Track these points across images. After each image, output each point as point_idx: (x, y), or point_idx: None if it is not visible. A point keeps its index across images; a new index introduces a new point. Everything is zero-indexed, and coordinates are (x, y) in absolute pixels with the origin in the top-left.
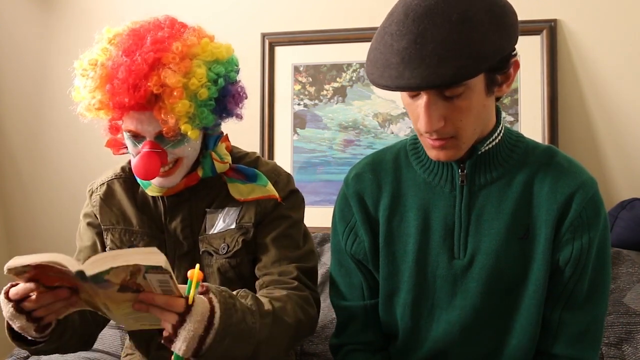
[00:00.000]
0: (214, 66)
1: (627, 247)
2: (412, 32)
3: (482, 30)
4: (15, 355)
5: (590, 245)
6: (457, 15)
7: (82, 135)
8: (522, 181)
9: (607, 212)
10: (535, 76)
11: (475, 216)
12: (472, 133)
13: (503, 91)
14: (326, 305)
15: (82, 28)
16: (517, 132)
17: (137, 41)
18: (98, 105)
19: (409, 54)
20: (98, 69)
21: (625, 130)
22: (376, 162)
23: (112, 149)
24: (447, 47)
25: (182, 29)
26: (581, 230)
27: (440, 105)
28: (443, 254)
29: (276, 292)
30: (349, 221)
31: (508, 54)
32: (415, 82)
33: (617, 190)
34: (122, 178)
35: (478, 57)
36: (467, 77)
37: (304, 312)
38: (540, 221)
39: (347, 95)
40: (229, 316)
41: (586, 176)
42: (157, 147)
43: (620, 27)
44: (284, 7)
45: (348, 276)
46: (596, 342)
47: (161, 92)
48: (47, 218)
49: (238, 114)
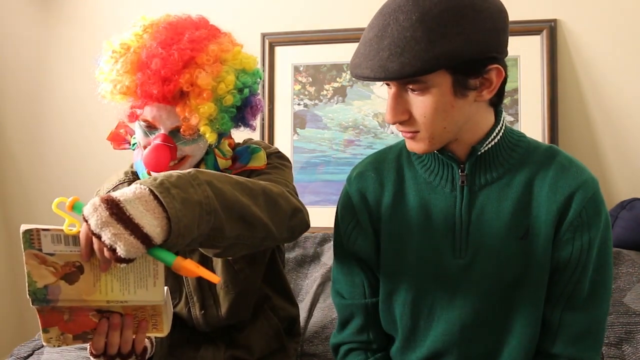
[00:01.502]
0: (242, 75)
1: (627, 247)
2: (378, 25)
3: (440, 32)
4: (15, 355)
5: (591, 245)
6: (418, 14)
7: (82, 135)
8: (523, 181)
9: (608, 212)
10: (535, 76)
11: (476, 216)
12: (441, 131)
13: (484, 97)
14: (326, 306)
15: (82, 28)
16: (519, 132)
17: (173, 35)
18: (124, 90)
19: (370, 45)
20: (130, 55)
21: (625, 130)
22: (379, 160)
23: (113, 142)
24: (398, 43)
25: (218, 32)
26: (581, 229)
27: (405, 99)
28: (443, 254)
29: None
30: (351, 219)
31: (477, 59)
32: (365, 72)
33: (617, 190)
34: (127, 182)
35: (426, 57)
36: (411, 74)
37: (273, 185)
38: (540, 221)
39: (347, 95)
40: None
41: (587, 176)
42: (169, 141)
43: (620, 27)
44: (284, 7)
45: (350, 274)
46: (597, 342)
47: (190, 91)
48: (47, 218)
49: (252, 125)
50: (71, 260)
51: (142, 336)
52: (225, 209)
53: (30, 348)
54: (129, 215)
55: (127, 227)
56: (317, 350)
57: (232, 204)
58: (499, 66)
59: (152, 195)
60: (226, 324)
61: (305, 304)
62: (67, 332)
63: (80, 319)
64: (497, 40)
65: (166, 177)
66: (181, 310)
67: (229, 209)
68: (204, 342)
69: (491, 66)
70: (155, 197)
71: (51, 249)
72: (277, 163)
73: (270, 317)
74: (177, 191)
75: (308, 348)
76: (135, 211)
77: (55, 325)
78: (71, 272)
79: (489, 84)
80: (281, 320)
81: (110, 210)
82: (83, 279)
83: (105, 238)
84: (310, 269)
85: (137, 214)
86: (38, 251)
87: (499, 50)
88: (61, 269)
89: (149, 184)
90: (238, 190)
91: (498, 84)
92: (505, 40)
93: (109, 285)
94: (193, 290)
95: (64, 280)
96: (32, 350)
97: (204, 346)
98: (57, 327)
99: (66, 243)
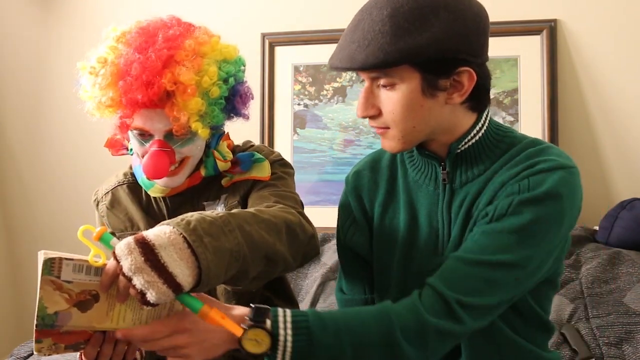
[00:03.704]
0: (224, 65)
1: (627, 247)
2: (356, 19)
3: (406, 28)
4: (15, 355)
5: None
6: (390, 10)
7: (82, 135)
8: (497, 175)
9: (560, 191)
10: (535, 76)
11: (455, 214)
12: (410, 129)
13: (454, 100)
14: (326, 306)
15: (82, 28)
16: (507, 128)
17: (148, 39)
18: (109, 103)
19: (344, 38)
20: (109, 67)
21: (625, 130)
22: (375, 160)
23: (111, 149)
24: (367, 36)
25: (191, 27)
26: (513, 195)
27: (375, 94)
28: (428, 251)
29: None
30: (349, 217)
31: (446, 58)
32: (335, 63)
33: (617, 190)
34: (126, 184)
35: (389, 49)
36: (373, 66)
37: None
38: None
39: (347, 95)
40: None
41: (552, 157)
42: (166, 146)
43: (620, 27)
44: (284, 7)
45: (349, 270)
46: (463, 285)
47: (174, 89)
48: (47, 218)
49: (245, 114)
50: (88, 289)
51: (134, 347)
52: (252, 251)
53: (30, 348)
54: (163, 262)
55: (161, 276)
56: None
57: (259, 245)
58: (469, 69)
59: (185, 243)
60: None
61: (305, 304)
62: (60, 342)
63: (77, 333)
64: (467, 43)
65: (199, 222)
66: None
67: (256, 251)
68: None
69: (462, 68)
70: (188, 244)
71: (70, 277)
72: (281, 172)
73: None
74: (210, 240)
75: None
76: (169, 259)
77: (49, 337)
78: (86, 300)
79: (460, 86)
80: None
81: (145, 256)
82: (96, 307)
83: (138, 283)
84: (310, 269)
85: (171, 262)
86: (56, 278)
87: (471, 53)
88: (76, 297)
89: (183, 229)
90: (264, 230)
91: (470, 88)
92: (482, 44)
93: (121, 314)
94: None
95: (76, 307)
96: (32, 350)
97: None
98: (50, 338)
99: (87, 273)
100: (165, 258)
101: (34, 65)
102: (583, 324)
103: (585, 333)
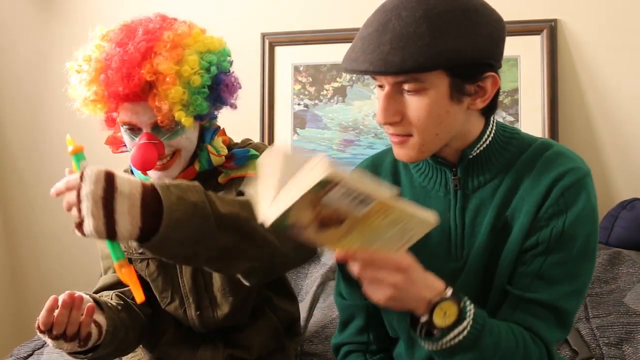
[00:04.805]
0: (206, 55)
1: (627, 247)
2: (379, 20)
3: (444, 30)
4: (15, 355)
5: (564, 231)
6: (422, 12)
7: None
8: (512, 179)
9: (593, 203)
10: (535, 76)
11: (469, 219)
12: (432, 137)
13: (477, 105)
14: (326, 306)
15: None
16: (512, 129)
17: (128, 33)
18: (93, 97)
19: (369, 40)
20: (92, 63)
21: (626, 130)
22: (376, 163)
23: (111, 146)
24: (401, 38)
25: (172, 21)
26: (557, 216)
27: (398, 100)
28: (439, 257)
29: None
30: None
31: (476, 64)
32: (364, 66)
33: (617, 190)
34: None
35: (429, 53)
36: (412, 69)
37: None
38: (520, 212)
39: (347, 95)
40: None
41: (573, 164)
42: (153, 138)
43: (620, 27)
44: (284, 7)
45: (348, 275)
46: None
47: (154, 80)
48: (47, 218)
49: (232, 104)
50: (339, 214)
51: (88, 319)
52: (219, 217)
53: (30, 348)
54: (114, 207)
55: (106, 216)
56: (317, 350)
57: (229, 214)
58: (495, 74)
59: (140, 201)
60: (222, 325)
61: (305, 304)
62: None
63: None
64: (495, 48)
65: (171, 182)
66: (176, 311)
67: (223, 218)
68: (203, 342)
69: (487, 74)
70: (142, 204)
71: (334, 200)
72: None
73: (270, 317)
74: (176, 190)
75: (308, 348)
76: (120, 207)
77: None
78: (329, 221)
79: (483, 92)
80: (281, 321)
81: (105, 193)
82: (333, 231)
83: (84, 208)
84: (310, 269)
85: (120, 211)
86: (322, 196)
87: (496, 58)
88: (323, 215)
89: (151, 181)
90: (238, 208)
91: (492, 94)
92: (502, 51)
93: (351, 243)
94: (189, 290)
95: (317, 225)
96: (32, 350)
97: (203, 346)
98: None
99: (352, 200)
100: (118, 205)
101: (34, 65)
102: (583, 324)
103: (586, 333)
